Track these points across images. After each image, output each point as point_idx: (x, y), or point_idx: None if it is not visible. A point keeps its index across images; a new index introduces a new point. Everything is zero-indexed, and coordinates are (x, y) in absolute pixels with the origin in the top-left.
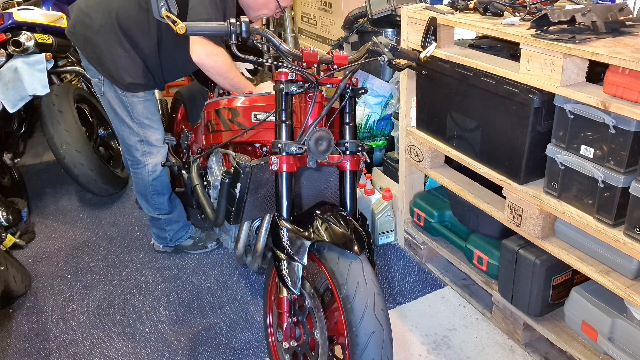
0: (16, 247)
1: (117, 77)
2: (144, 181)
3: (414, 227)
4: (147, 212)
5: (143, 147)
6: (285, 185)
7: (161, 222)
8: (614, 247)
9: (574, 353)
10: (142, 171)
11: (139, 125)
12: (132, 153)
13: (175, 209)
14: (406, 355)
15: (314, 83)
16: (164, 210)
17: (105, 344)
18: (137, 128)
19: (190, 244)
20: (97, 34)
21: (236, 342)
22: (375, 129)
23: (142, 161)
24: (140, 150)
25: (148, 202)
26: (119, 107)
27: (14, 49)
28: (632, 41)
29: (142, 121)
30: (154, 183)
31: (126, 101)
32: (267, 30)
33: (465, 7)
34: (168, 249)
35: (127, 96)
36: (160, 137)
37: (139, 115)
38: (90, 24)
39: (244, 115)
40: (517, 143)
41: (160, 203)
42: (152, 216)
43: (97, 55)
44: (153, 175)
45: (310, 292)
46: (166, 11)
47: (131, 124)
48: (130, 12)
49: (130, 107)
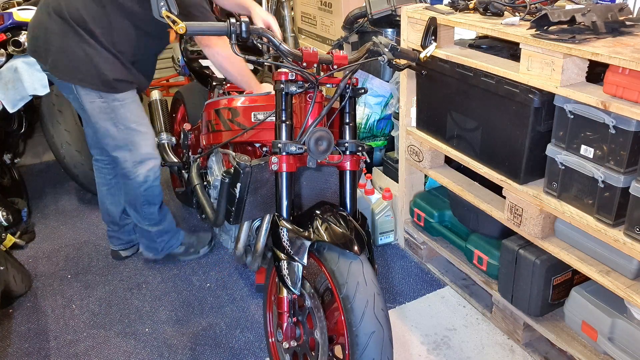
0: (16, 247)
1: (93, 78)
2: (135, 192)
3: (414, 227)
4: (135, 222)
5: (132, 156)
6: (285, 185)
7: (152, 234)
8: (614, 247)
9: (574, 353)
10: (133, 182)
11: (125, 133)
12: (122, 165)
13: (165, 219)
14: (406, 355)
15: (314, 83)
16: (153, 220)
17: (105, 344)
18: (123, 136)
19: (181, 251)
20: (59, 38)
21: (236, 342)
22: (375, 129)
23: (132, 172)
24: (130, 160)
25: (138, 212)
26: (101, 117)
27: (14, 49)
28: (632, 41)
29: (129, 126)
30: (146, 193)
31: (107, 107)
32: (267, 30)
33: (465, 7)
34: (158, 257)
35: (107, 101)
36: (151, 143)
37: (124, 121)
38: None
39: (244, 115)
40: (517, 143)
41: (151, 214)
42: (142, 227)
43: (63, 63)
44: (145, 185)
45: (310, 292)
46: (166, 11)
47: (116, 133)
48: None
49: (113, 113)
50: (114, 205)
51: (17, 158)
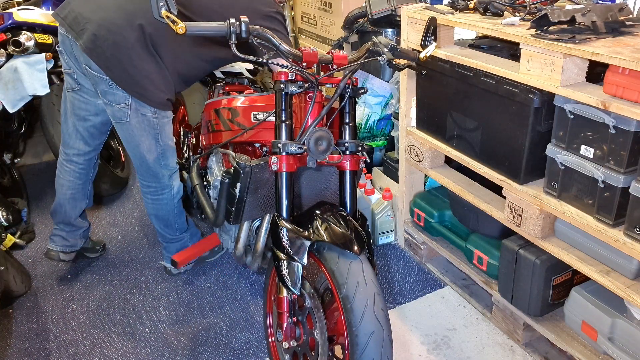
0: (16, 247)
1: (153, 96)
2: (170, 205)
3: (414, 227)
4: (167, 235)
5: (169, 170)
6: (285, 185)
7: (185, 240)
8: (614, 247)
9: (574, 353)
10: (168, 195)
11: (163, 147)
12: (160, 179)
13: (189, 222)
14: (406, 355)
15: (314, 83)
16: (184, 227)
17: (105, 344)
18: (161, 150)
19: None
20: (132, 49)
21: (236, 342)
22: (375, 129)
23: (169, 185)
24: (167, 174)
25: (170, 225)
26: (147, 131)
27: (14, 49)
28: (632, 41)
29: (168, 143)
30: (178, 204)
31: (156, 123)
32: (267, 30)
33: (465, 7)
34: (189, 266)
35: (158, 117)
36: (175, 157)
37: (166, 138)
38: (122, 41)
39: (244, 115)
40: (517, 143)
41: (182, 222)
42: (171, 240)
43: (129, 74)
44: (178, 196)
45: (310, 292)
46: (166, 11)
47: (158, 150)
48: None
49: (160, 129)
50: (73, 209)
51: (17, 158)
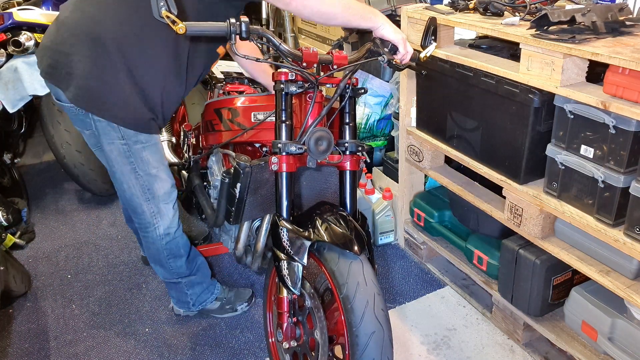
0: (16, 247)
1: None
2: (156, 245)
3: (414, 227)
4: (163, 278)
5: (150, 206)
6: (285, 185)
7: (181, 285)
8: (614, 247)
9: (574, 353)
10: (153, 234)
11: (145, 179)
12: (139, 215)
13: (198, 269)
14: (406, 355)
15: (314, 83)
16: (183, 273)
17: (105, 344)
18: (143, 182)
19: (216, 307)
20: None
21: (236, 342)
22: (375, 129)
23: (151, 223)
24: (148, 211)
25: (163, 267)
26: (119, 158)
27: (14, 49)
28: (632, 41)
29: (149, 172)
30: (168, 247)
31: (127, 151)
32: (267, 30)
33: (465, 7)
34: (190, 313)
35: (128, 144)
36: (169, 189)
37: (144, 166)
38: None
39: (244, 115)
40: (517, 143)
41: (179, 267)
42: (168, 279)
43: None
44: (166, 238)
45: (310, 292)
46: (166, 11)
47: (134, 180)
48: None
49: (133, 156)
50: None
51: (17, 158)
